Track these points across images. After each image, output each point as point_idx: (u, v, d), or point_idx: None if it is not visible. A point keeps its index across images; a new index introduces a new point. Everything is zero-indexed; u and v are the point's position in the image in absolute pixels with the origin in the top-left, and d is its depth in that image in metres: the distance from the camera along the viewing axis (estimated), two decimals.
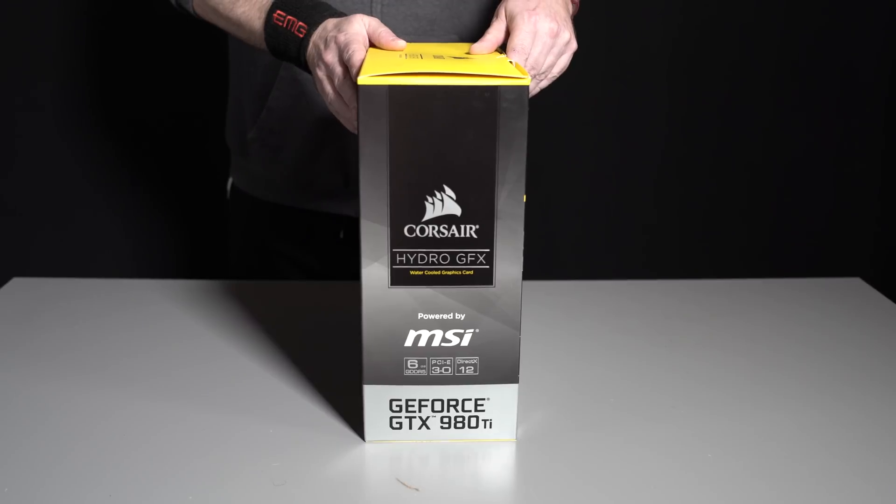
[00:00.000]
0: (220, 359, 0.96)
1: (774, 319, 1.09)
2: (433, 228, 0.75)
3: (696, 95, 2.00)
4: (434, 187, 0.74)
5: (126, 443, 0.79)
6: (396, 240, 0.75)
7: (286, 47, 0.90)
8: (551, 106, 1.91)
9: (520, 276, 0.77)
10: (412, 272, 0.76)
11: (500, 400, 0.80)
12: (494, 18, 0.89)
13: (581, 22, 2.00)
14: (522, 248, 0.76)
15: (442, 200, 0.74)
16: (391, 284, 0.76)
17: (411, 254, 0.75)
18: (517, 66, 0.78)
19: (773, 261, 2.12)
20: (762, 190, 2.09)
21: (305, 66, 0.89)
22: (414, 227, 0.75)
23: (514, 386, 0.80)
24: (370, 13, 1.10)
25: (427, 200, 0.74)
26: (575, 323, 1.07)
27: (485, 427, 0.81)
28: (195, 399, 0.87)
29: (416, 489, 0.73)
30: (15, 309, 1.08)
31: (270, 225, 1.30)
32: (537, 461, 0.78)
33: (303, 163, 1.20)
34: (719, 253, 2.12)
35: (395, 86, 0.71)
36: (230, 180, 1.35)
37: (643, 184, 2.06)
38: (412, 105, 0.72)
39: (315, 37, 0.86)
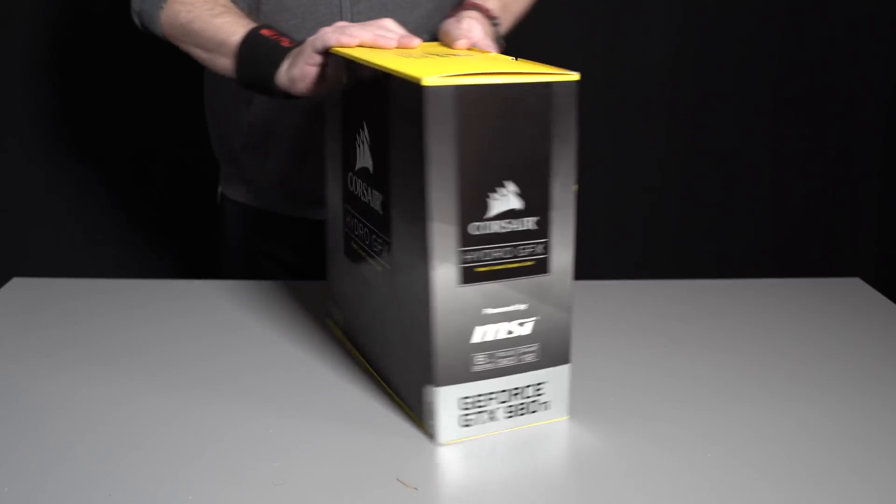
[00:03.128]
0: (220, 358, 0.96)
1: (774, 319, 1.09)
2: (497, 224, 0.76)
3: (696, 95, 2.00)
4: (497, 184, 0.75)
5: (126, 442, 0.79)
6: (464, 238, 0.76)
7: (267, 51, 1.00)
8: None
9: (571, 260, 0.80)
10: (477, 269, 0.77)
11: (556, 381, 0.82)
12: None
13: (581, 19, 2.01)
14: (573, 233, 0.79)
15: (506, 196, 0.76)
16: (460, 283, 0.77)
17: (478, 251, 0.76)
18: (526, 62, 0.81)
19: (774, 261, 2.12)
20: (762, 190, 2.09)
21: (272, 72, 0.99)
22: (480, 224, 0.76)
23: (567, 366, 0.82)
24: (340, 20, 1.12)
25: (491, 197, 0.75)
26: (574, 323, 1.07)
27: (543, 409, 0.82)
28: (195, 399, 0.87)
29: (416, 489, 0.73)
30: (15, 309, 1.08)
31: (258, 231, 1.31)
32: (536, 461, 0.78)
33: (288, 173, 1.22)
34: (719, 253, 2.11)
35: (462, 86, 0.72)
36: (220, 188, 1.36)
37: (642, 184, 2.06)
38: (477, 104, 0.73)
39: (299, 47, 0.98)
